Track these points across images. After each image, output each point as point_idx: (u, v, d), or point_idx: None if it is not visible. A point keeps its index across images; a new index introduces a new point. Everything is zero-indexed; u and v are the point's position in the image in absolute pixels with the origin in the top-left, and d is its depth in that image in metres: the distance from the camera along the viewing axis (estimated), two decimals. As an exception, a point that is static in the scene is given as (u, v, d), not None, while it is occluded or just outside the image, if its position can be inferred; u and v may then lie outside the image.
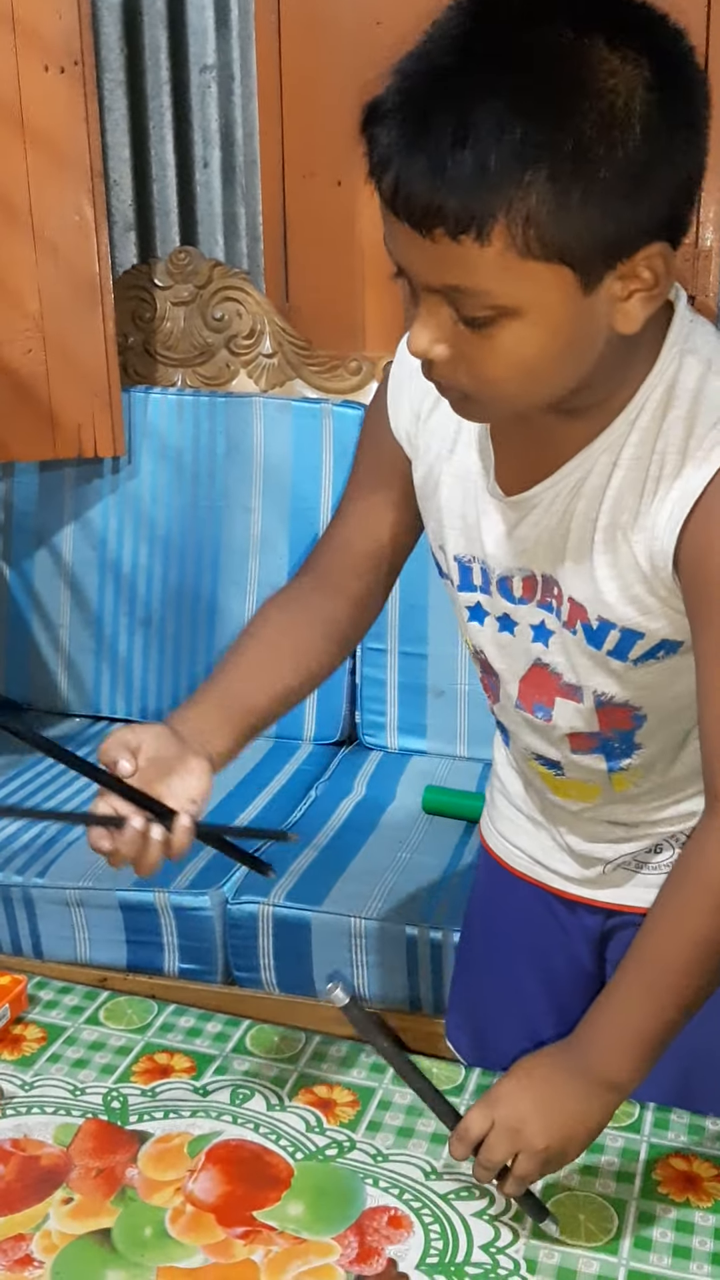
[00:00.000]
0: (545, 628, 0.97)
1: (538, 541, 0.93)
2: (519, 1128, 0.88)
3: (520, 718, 1.04)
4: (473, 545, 0.98)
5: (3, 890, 1.77)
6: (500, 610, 0.99)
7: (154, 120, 2.26)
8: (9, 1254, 0.91)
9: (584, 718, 0.99)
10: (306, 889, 1.72)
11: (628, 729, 1.00)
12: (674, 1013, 0.89)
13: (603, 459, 0.88)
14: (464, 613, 1.02)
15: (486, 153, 0.71)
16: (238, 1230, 0.93)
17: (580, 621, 0.94)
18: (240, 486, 2.16)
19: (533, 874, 1.16)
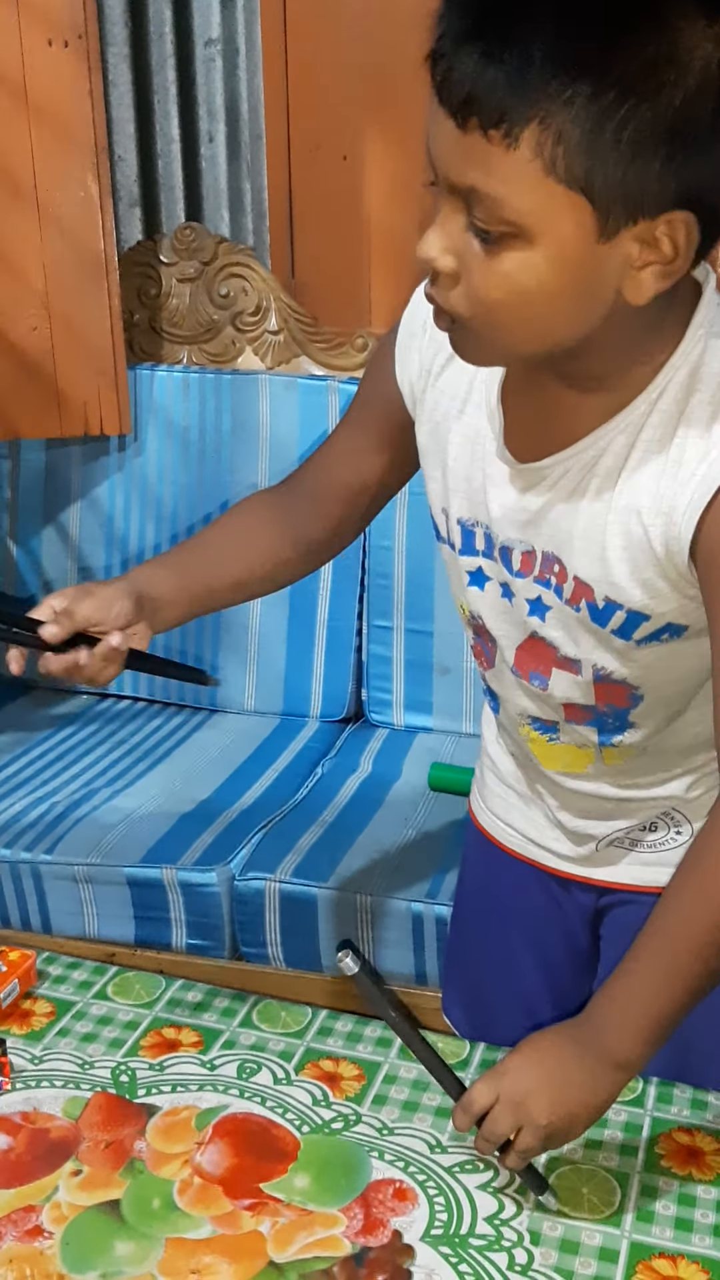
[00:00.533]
0: (542, 603, 0.96)
1: (544, 516, 0.92)
2: (523, 1101, 0.89)
3: (515, 683, 1.03)
4: (477, 510, 0.97)
5: (11, 866, 1.79)
6: (502, 578, 0.98)
7: (158, 95, 2.25)
8: (19, 1225, 0.92)
9: (581, 690, 0.99)
10: (313, 865, 1.73)
11: (623, 707, 0.99)
12: (685, 995, 0.89)
13: (619, 439, 0.87)
14: (463, 577, 1.01)
15: (534, 53, 0.71)
16: (245, 1202, 0.94)
17: (585, 600, 0.93)
18: (246, 464, 2.16)
19: (525, 852, 1.16)
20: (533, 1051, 0.91)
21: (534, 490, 0.92)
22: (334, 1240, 0.91)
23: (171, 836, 1.81)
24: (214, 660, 2.22)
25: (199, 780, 1.98)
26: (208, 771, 2.01)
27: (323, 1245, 0.90)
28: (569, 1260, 0.89)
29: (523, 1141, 0.90)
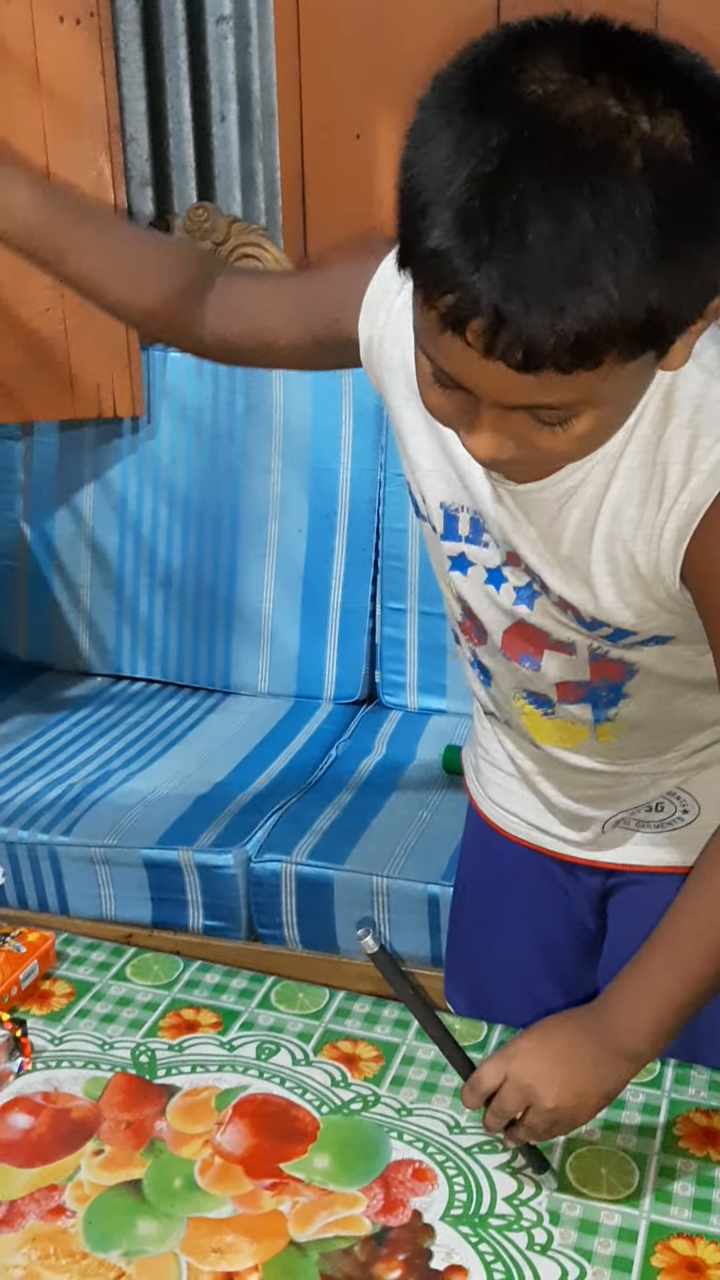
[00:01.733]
0: (532, 589, 0.94)
1: (529, 535, 0.90)
2: (531, 1084, 0.90)
3: (506, 665, 1.02)
4: (464, 494, 0.93)
5: (29, 848, 1.79)
6: (492, 563, 0.96)
7: (170, 73, 2.23)
8: (42, 1204, 0.93)
9: (575, 668, 0.98)
10: (328, 847, 1.74)
11: (618, 680, 0.98)
12: (698, 991, 0.90)
13: (598, 469, 0.85)
14: (444, 562, 0.99)
15: (611, 287, 0.66)
16: (265, 1182, 0.95)
17: (572, 612, 0.93)
18: (259, 447, 2.16)
19: (528, 838, 1.15)
20: (543, 1035, 0.92)
21: (520, 510, 0.90)
22: (354, 1220, 0.91)
23: (187, 819, 1.81)
24: (227, 642, 2.22)
25: (214, 763, 1.99)
26: (223, 754, 2.02)
27: (343, 1225, 0.91)
28: (588, 1240, 0.89)
29: (529, 1122, 0.91)
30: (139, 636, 2.27)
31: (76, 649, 2.31)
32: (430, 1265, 0.87)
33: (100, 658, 2.31)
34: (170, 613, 2.25)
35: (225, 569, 2.20)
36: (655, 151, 0.66)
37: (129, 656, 2.29)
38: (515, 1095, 0.90)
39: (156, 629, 2.26)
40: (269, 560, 2.18)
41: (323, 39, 2.14)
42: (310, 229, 2.26)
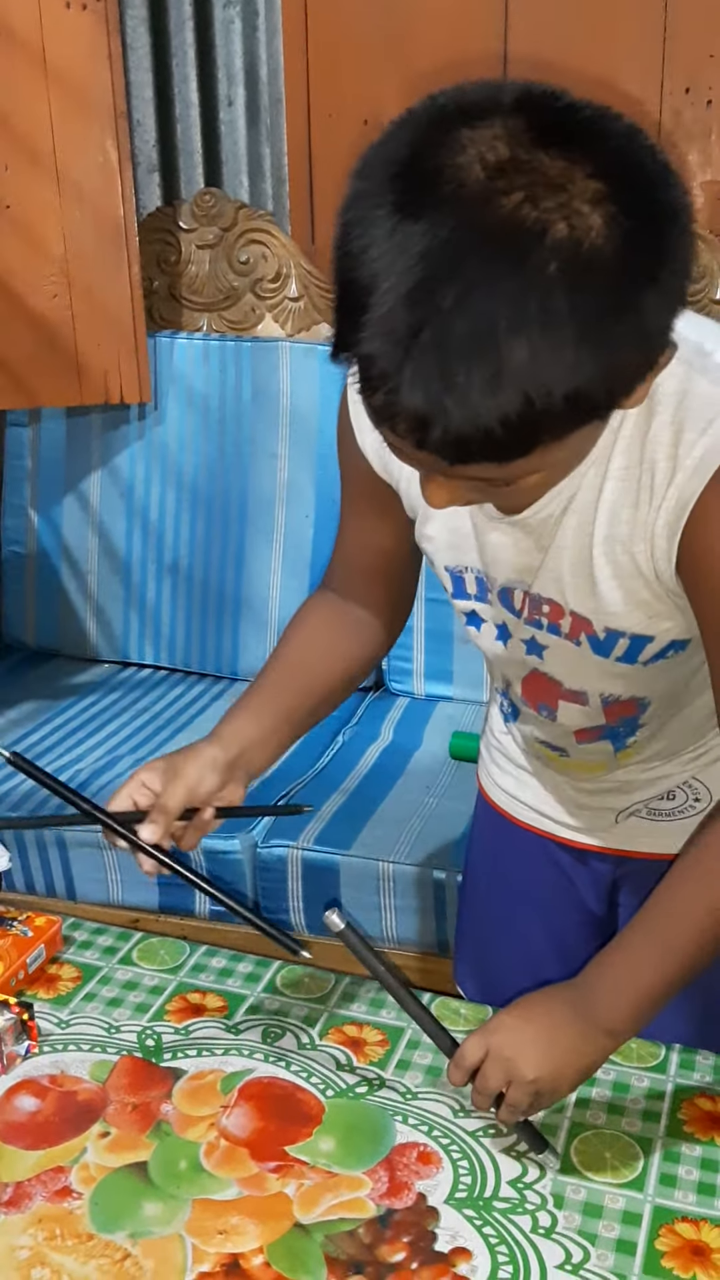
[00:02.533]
0: (536, 642, 0.97)
1: (533, 560, 0.92)
2: (512, 1057, 0.90)
3: (526, 712, 1.05)
4: (465, 556, 0.97)
5: (36, 834, 1.80)
6: (499, 619, 0.99)
7: (177, 58, 2.23)
8: (49, 1185, 0.93)
9: (590, 716, 1.00)
10: (335, 833, 1.74)
11: (633, 715, 1.01)
12: (679, 973, 0.91)
13: (590, 473, 0.87)
14: (462, 618, 1.03)
15: (535, 394, 0.67)
16: (270, 1164, 0.95)
17: (585, 633, 0.93)
18: (267, 433, 2.16)
19: (540, 826, 1.16)
20: (525, 1009, 0.93)
21: (526, 537, 0.92)
22: (359, 1203, 0.92)
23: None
24: (234, 629, 2.22)
25: (221, 749, 1.99)
26: (229, 740, 2.02)
27: (348, 1207, 0.91)
28: (592, 1223, 0.90)
29: (511, 1096, 0.91)
30: (146, 623, 2.28)
31: (84, 635, 2.32)
32: (434, 1248, 0.88)
33: (108, 644, 2.31)
34: (177, 599, 2.25)
35: (232, 555, 2.20)
36: (573, 255, 0.66)
37: (136, 643, 2.30)
38: (497, 1069, 0.91)
39: (164, 615, 2.26)
40: (276, 547, 2.18)
41: (330, 23, 2.13)
42: (317, 215, 2.25)
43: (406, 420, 0.70)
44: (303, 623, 1.10)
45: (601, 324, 0.67)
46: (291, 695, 1.05)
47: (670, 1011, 0.94)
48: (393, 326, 0.67)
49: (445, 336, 0.66)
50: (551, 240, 0.66)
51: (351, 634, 1.10)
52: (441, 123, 0.69)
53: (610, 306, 0.68)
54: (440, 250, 0.66)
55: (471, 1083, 0.93)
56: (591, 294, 0.67)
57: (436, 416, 0.68)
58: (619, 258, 0.67)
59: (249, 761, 1.01)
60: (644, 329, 0.70)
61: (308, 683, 1.07)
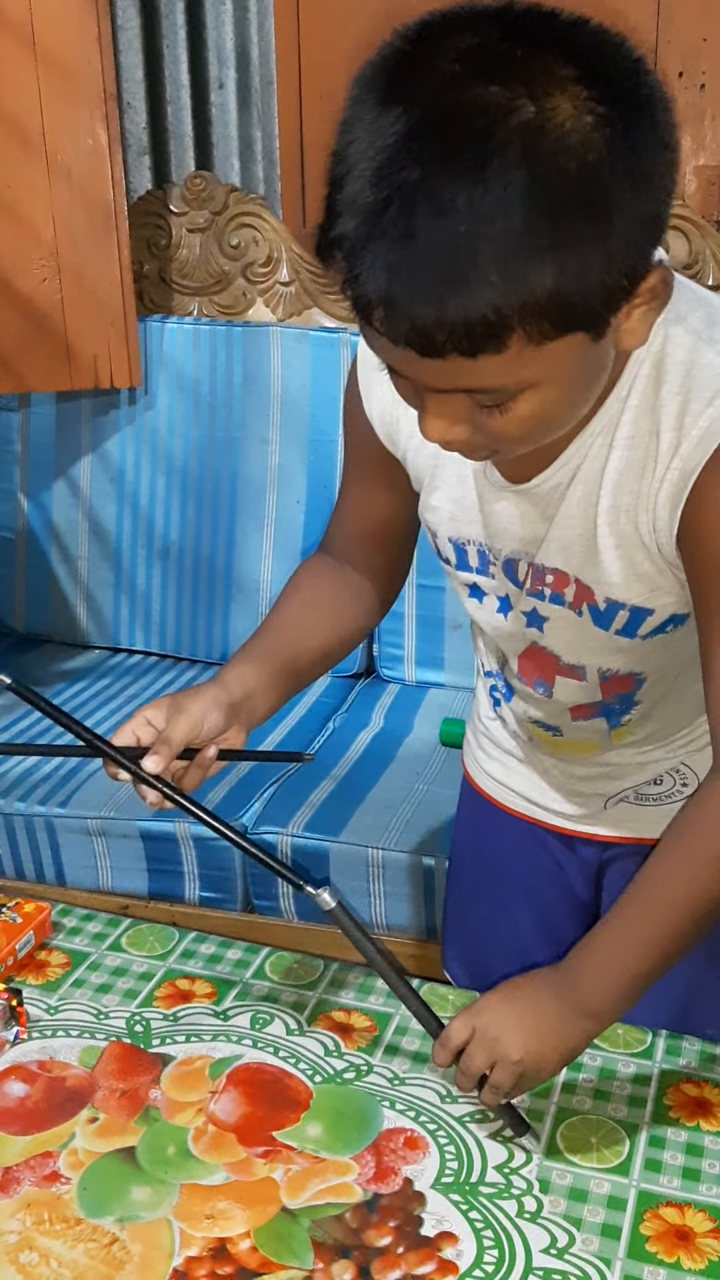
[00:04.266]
0: (538, 614, 0.97)
1: (538, 530, 0.92)
2: (498, 1037, 0.91)
3: (521, 688, 1.05)
4: (468, 527, 0.97)
5: (26, 820, 1.80)
6: (502, 591, 0.99)
7: (167, 40, 2.21)
8: (37, 1170, 0.94)
9: (587, 692, 1.01)
10: (325, 819, 1.74)
11: (628, 691, 1.01)
12: (662, 957, 0.91)
13: (598, 441, 0.87)
14: (462, 590, 1.03)
15: (489, 269, 0.67)
16: (258, 1150, 0.95)
17: (587, 603, 0.93)
18: (258, 418, 2.15)
19: (528, 812, 1.17)
20: (510, 992, 0.94)
21: (531, 507, 0.92)
22: (346, 1188, 0.92)
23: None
24: (225, 614, 2.22)
25: (211, 735, 1.99)
26: (220, 726, 2.02)
27: (335, 1192, 0.92)
28: (577, 1208, 0.90)
29: (496, 1077, 0.92)
30: (137, 608, 2.27)
31: (74, 621, 2.31)
32: (420, 1232, 0.88)
33: (98, 630, 2.31)
34: (168, 585, 2.25)
35: (223, 541, 2.20)
36: (537, 136, 0.66)
37: (127, 628, 2.29)
38: (482, 1050, 0.91)
39: (154, 601, 2.26)
40: (267, 532, 2.17)
41: (322, 5, 2.12)
42: (309, 198, 2.24)
43: (375, 303, 0.69)
44: (302, 582, 1.10)
45: (563, 213, 0.67)
46: (292, 647, 1.05)
47: (652, 998, 0.95)
48: (360, 206, 0.68)
49: (409, 215, 0.67)
50: (516, 121, 0.66)
51: (348, 596, 1.10)
52: (425, 28, 0.71)
53: (574, 198, 0.67)
54: (407, 132, 0.67)
55: (456, 1064, 0.94)
56: (554, 181, 0.66)
57: (400, 297, 0.68)
58: (587, 148, 0.67)
59: (251, 707, 1.01)
60: (612, 233, 0.69)
61: (307, 637, 1.07)
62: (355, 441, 1.05)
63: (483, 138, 0.66)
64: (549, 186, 0.66)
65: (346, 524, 1.11)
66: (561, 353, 0.73)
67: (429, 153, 0.67)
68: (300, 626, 1.07)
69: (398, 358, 0.74)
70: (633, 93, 0.70)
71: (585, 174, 0.67)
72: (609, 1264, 0.86)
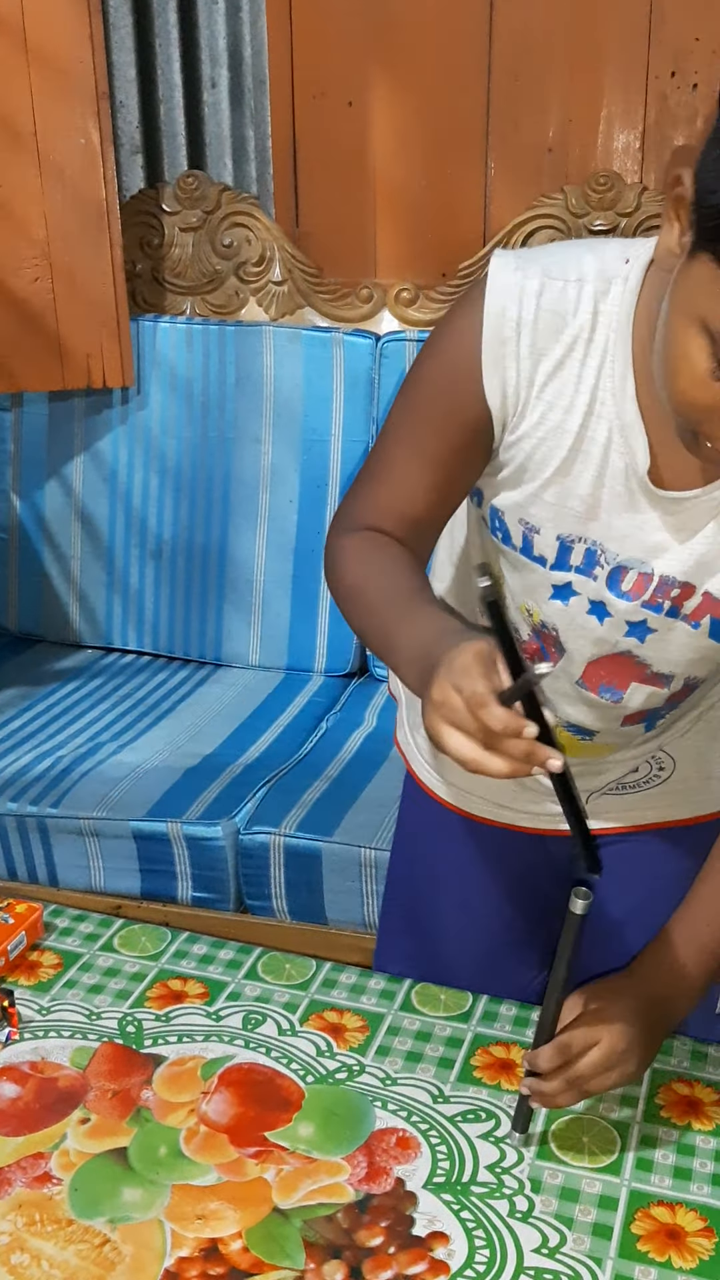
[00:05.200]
0: (646, 625, 0.94)
1: (672, 541, 0.89)
2: (627, 1049, 0.93)
3: (576, 693, 1.00)
4: (587, 527, 0.91)
5: (18, 820, 1.80)
6: (597, 596, 0.94)
7: (160, 39, 2.21)
8: (29, 1171, 0.94)
9: (657, 699, 0.99)
10: (317, 819, 1.74)
11: (682, 699, 1.01)
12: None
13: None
14: (545, 590, 0.96)
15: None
16: (250, 1150, 0.95)
17: (711, 616, 0.92)
18: (250, 417, 2.15)
19: (494, 816, 1.14)
20: (629, 1003, 0.95)
21: (672, 517, 0.89)
22: (338, 1188, 0.92)
23: (177, 791, 1.82)
24: (218, 614, 2.22)
25: (204, 735, 1.99)
26: (212, 726, 2.02)
27: (327, 1192, 0.92)
28: (569, 1207, 0.90)
29: (603, 1083, 0.94)
30: (129, 608, 2.27)
31: (67, 621, 2.31)
32: (412, 1232, 0.88)
33: (91, 629, 2.30)
34: (161, 584, 2.24)
35: (216, 540, 2.20)
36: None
37: (119, 628, 2.29)
38: (610, 1058, 0.93)
39: (147, 600, 2.26)
40: (260, 531, 2.17)
41: (314, 4, 2.11)
42: (302, 198, 2.24)
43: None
44: (389, 548, 0.95)
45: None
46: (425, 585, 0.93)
47: None
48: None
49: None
50: None
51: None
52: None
53: None
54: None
55: (558, 1069, 0.93)
56: None
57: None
58: None
59: None
60: None
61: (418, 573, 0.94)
62: (440, 421, 0.92)
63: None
64: None
65: (393, 508, 0.96)
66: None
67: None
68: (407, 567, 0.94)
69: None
70: None
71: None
72: (600, 1263, 0.86)
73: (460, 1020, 1.08)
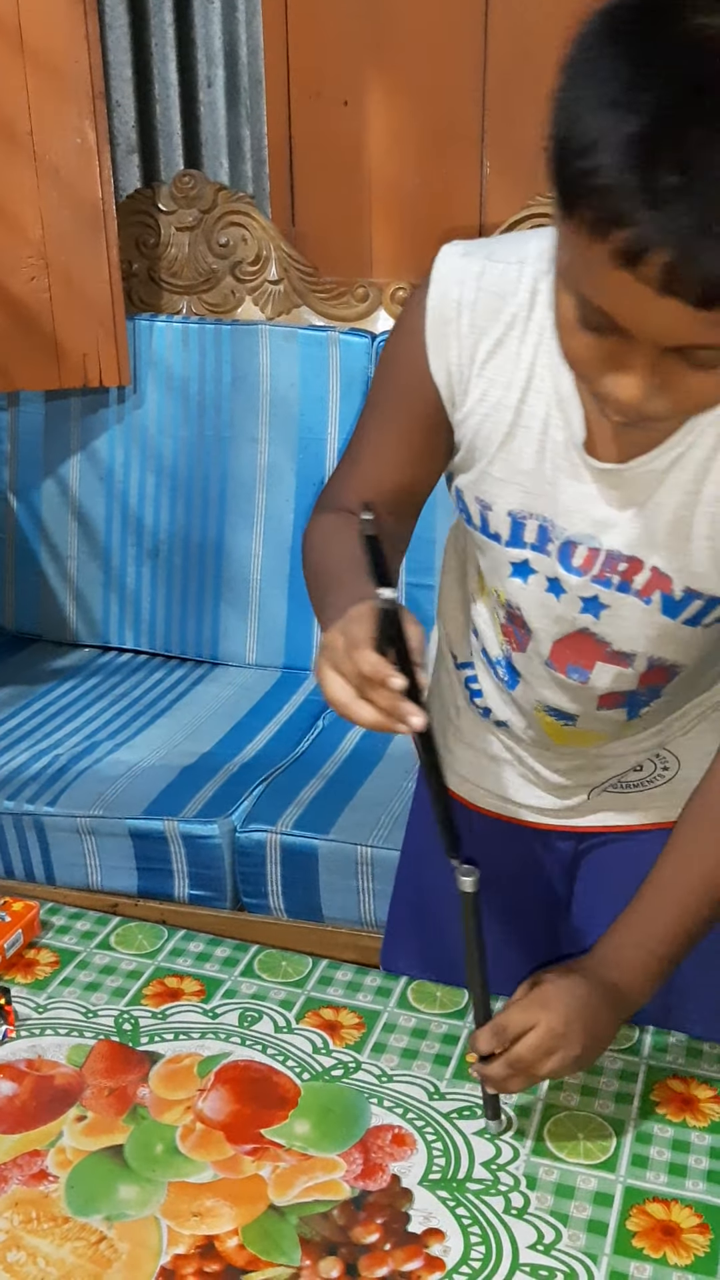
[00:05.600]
0: (599, 601, 0.94)
1: (622, 515, 0.90)
2: (565, 1032, 0.92)
3: (547, 675, 1.01)
4: (535, 502, 0.92)
5: (15, 818, 1.80)
6: (552, 573, 0.95)
7: (156, 38, 2.21)
8: (25, 1169, 0.94)
9: (627, 680, 0.98)
10: (314, 817, 1.75)
11: (661, 683, 1.00)
12: (691, 940, 0.94)
13: (710, 431, 0.84)
14: (504, 568, 0.97)
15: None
16: (246, 1147, 0.96)
17: (661, 591, 0.92)
18: (247, 417, 2.15)
19: (500, 810, 1.15)
20: (569, 985, 0.94)
21: (614, 490, 0.89)
22: (334, 1185, 0.92)
23: (173, 789, 1.82)
24: (215, 613, 2.22)
25: (200, 733, 1.99)
26: (209, 725, 2.02)
27: (322, 1189, 0.92)
28: (564, 1204, 0.91)
29: (548, 1068, 0.92)
30: (126, 607, 2.27)
31: (64, 620, 2.31)
32: (408, 1229, 0.89)
33: (87, 628, 2.31)
34: (158, 583, 2.25)
35: (213, 539, 2.20)
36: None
37: (116, 627, 2.29)
38: (547, 1041, 0.92)
39: (144, 599, 2.26)
40: (257, 530, 2.17)
41: (310, 3, 2.11)
42: (298, 197, 2.24)
43: (666, 252, 0.66)
44: (331, 528, 0.99)
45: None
46: None
47: None
48: (647, 155, 0.65)
49: (711, 167, 0.64)
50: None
51: None
52: None
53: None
54: (696, 82, 0.65)
55: (496, 1052, 0.93)
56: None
57: (699, 248, 0.65)
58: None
59: None
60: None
61: None
62: (399, 401, 0.97)
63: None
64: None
65: (365, 486, 1.00)
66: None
67: (708, 107, 0.64)
68: None
69: (644, 310, 0.70)
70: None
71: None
72: (595, 1260, 0.86)
73: (456, 1017, 1.08)
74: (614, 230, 0.67)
